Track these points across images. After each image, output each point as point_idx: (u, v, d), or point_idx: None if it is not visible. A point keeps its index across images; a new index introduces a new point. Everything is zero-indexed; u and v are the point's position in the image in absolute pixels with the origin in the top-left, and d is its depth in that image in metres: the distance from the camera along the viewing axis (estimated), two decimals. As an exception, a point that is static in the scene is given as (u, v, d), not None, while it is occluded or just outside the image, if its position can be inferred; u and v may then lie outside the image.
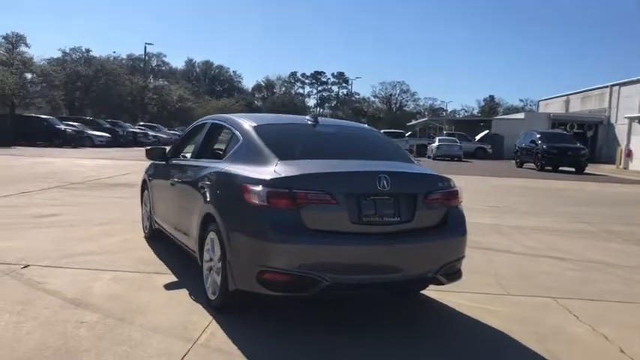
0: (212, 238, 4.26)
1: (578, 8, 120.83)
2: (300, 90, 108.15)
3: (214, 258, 4.23)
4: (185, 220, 4.98)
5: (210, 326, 3.93)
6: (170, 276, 5.15)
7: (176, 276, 5.15)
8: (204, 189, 4.52)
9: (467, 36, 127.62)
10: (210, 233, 4.31)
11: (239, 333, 3.82)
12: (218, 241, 4.11)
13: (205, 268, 4.43)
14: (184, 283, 4.88)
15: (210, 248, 4.33)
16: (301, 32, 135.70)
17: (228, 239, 3.95)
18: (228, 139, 4.92)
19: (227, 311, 4.15)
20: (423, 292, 4.80)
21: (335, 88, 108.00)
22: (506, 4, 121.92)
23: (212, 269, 4.30)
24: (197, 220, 4.53)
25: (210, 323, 3.98)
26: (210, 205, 4.32)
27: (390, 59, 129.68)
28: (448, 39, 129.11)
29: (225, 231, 3.99)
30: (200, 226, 4.48)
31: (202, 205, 4.46)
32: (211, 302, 4.28)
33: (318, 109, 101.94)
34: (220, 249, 4.07)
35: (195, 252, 4.70)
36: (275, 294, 3.79)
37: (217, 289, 4.16)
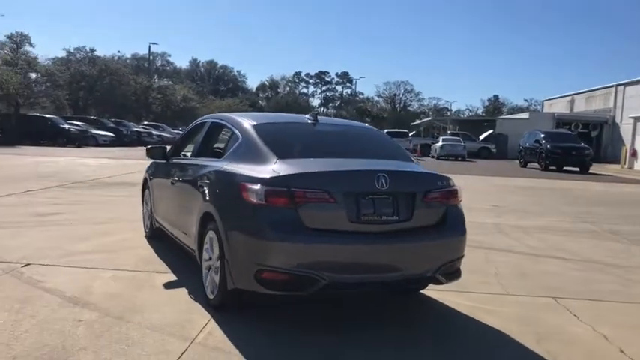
0: (211, 237, 4.26)
1: (582, 8, 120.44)
2: (304, 90, 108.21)
3: (213, 257, 4.22)
4: (185, 219, 4.98)
5: (208, 325, 3.92)
6: (170, 275, 5.15)
7: (176, 275, 5.15)
8: (203, 188, 4.51)
9: (472, 36, 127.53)
10: (209, 232, 4.30)
11: (237, 331, 3.82)
12: (217, 240, 4.11)
13: (204, 267, 4.43)
14: (184, 282, 4.88)
15: (209, 247, 4.32)
16: (305, 32, 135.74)
17: (226, 238, 3.94)
18: (227, 138, 4.92)
19: (225, 310, 4.14)
20: (423, 292, 4.79)
21: (339, 88, 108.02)
22: (511, 4, 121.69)
23: (211, 268, 4.29)
24: (196, 219, 4.52)
25: (208, 322, 3.98)
26: (209, 204, 4.32)
27: (395, 59, 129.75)
28: (453, 39, 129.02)
29: (223, 230, 3.99)
30: (199, 225, 4.47)
31: (201, 204, 4.46)
32: (210, 301, 4.27)
33: (322, 109, 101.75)
34: (219, 248, 4.06)
35: (194, 251, 4.70)
36: (273, 293, 3.78)
37: (216, 288, 4.15)
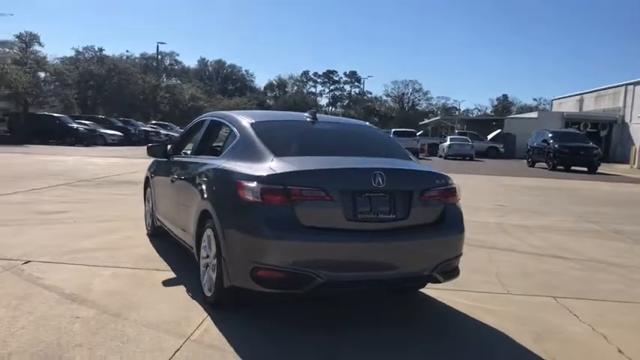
0: (209, 235, 4.26)
1: (592, 7, 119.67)
2: (312, 89, 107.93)
3: (211, 255, 4.22)
4: (184, 217, 4.98)
5: (204, 322, 3.92)
6: (169, 273, 5.16)
7: (175, 273, 5.15)
8: (201, 185, 4.51)
9: (480, 35, 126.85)
10: (206, 230, 4.30)
11: (233, 329, 3.81)
12: (214, 238, 4.11)
13: (202, 265, 4.42)
14: (183, 280, 4.88)
15: (206, 245, 4.32)
16: (314, 32, 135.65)
17: (223, 236, 3.94)
18: (226, 136, 4.91)
19: (222, 308, 4.14)
20: (422, 291, 4.76)
21: (347, 87, 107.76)
22: (522, 4, 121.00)
23: (208, 266, 4.29)
24: (194, 217, 4.53)
25: (204, 320, 3.98)
26: (206, 202, 4.32)
27: (403, 58, 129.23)
28: (462, 38, 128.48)
29: (220, 227, 3.98)
30: (197, 223, 4.47)
31: (199, 202, 4.46)
32: (207, 299, 4.27)
33: (330, 108, 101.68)
34: (216, 245, 4.06)
35: (192, 248, 4.70)
36: (269, 291, 3.77)
37: (213, 286, 4.15)
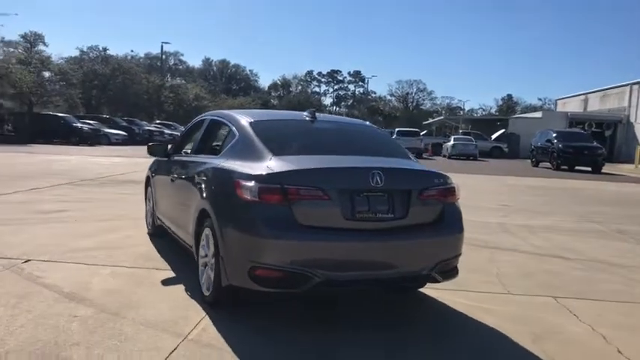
0: (207, 234, 4.25)
1: (600, 6, 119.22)
2: (316, 89, 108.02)
3: (209, 254, 4.21)
4: (183, 216, 4.98)
5: (202, 322, 3.92)
6: (169, 272, 5.15)
7: (175, 272, 5.15)
8: (200, 185, 4.51)
9: (485, 35, 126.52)
10: (205, 229, 4.30)
11: (231, 329, 3.81)
12: (212, 237, 4.10)
13: (200, 264, 4.42)
14: (182, 279, 4.88)
15: (205, 244, 4.32)
16: (318, 31, 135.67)
17: (221, 235, 3.93)
18: (225, 135, 4.91)
19: (220, 307, 4.14)
20: (421, 290, 4.74)
21: (351, 87, 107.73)
22: (527, 4, 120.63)
23: (207, 265, 4.28)
24: (193, 216, 4.52)
25: (202, 319, 3.97)
26: (205, 201, 4.31)
27: (407, 58, 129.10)
28: (467, 38, 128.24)
29: (218, 226, 3.98)
30: (196, 222, 4.47)
31: (198, 201, 4.45)
32: (205, 298, 4.27)
33: (334, 108, 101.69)
34: (214, 245, 4.06)
35: (191, 247, 4.70)
36: (267, 290, 3.77)
37: (211, 285, 4.15)
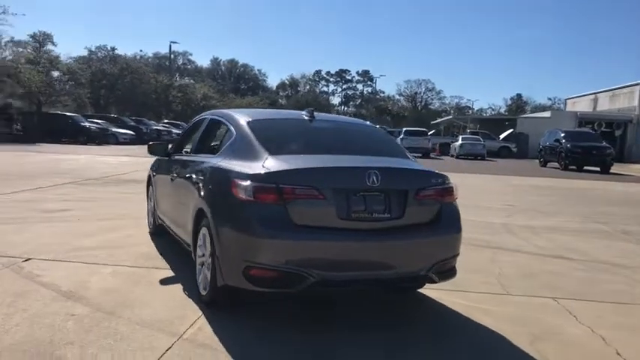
0: (204, 234, 4.24)
1: (609, 5, 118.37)
2: (324, 88, 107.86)
3: (206, 253, 4.21)
4: (182, 216, 4.98)
5: (198, 321, 3.91)
6: (168, 271, 5.16)
7: (174, 271, 5.16)
8: (198, 184, 4.51)
9: (495, 34, 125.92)
10: (202, 228, 4.29)
11: (226, 329, 3.80)
12: (209, 236, 4.10)
13: (198, 263, 4.42)
14: (180, 279, 4.88)
15: (202, 244, 4.31)
16: (326, 31, 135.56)
17: (216, 234, 3.93)
18: (223, 135, 4.91)
19: (216, 307, 4.13)
20: (420, 291, 4.71)
21: (360, 87, 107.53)
22: (536, 3, 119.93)
23: (204, 264, 4.28)
24: (191, 215, 4.52)
25: (198, 318, 3.97)
26: (202, 200, 4.30)
27: (416, 57, 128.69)
28: (477, 37, 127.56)
29: (214, 226, 3.97)
30: (194, 221, 4.47)
31: (196, 200, 4.45)
32: (202, 297, 4.27)
33: (342, 107, 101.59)
34: (210, 244, 4.05)
35: (189, 246, 4.70)
36: (261, 290, 3.76)
37: (208, 285, 4.14)
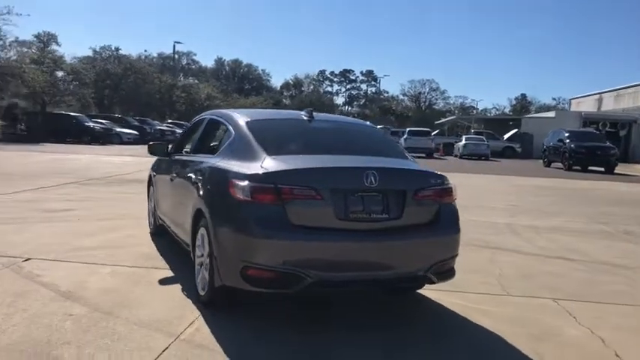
0: (202, 234, 4.25)
1: (614, 5, 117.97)
2: (328, 88, 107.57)
3: (205, 254, 4.21)
4: (181, 216, 4.98)
5: (196, 322, 3.91)
6: (167, 271, 5.16)
7: (173, 272, 5.16)
8: (196, 184, 4.51)
9: (500, 34, 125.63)
10: (200, 229, 4.29)
11: (224, 329, 3.80)
12: (207, 237, 4.10)
13: (197, 264, 4.42)
14: (179, 279, 4.89)
15: (200, 244, 4.31)
16: (330, 30, 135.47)
17: (214, 234, 3.93)
18: (222, 135, 4.91)
19: (214, 307, 4.13)
20: (419, 292, 4.70)
21: (364, 87, 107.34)
22: (541, 3, 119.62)
23: (202, 265, 4.28)
24: (190, 215, 4.52)
25: (196, 319, 3.97)
26: (201, 200, 4.30)
27: (420, 57, 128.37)
28: (481, 37, 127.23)
29: (212, 226, 3.97)
30: (192, 222, 4.47)
31: (195, 200, 4.45)
32: (200, 298, 4.27)
33: (346, 108, 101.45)
34: (208, 244, 4.05)
35: (189, 247, 4.70)
36: (259, 290, 3.75)
37: (206, 285, 4.14)
